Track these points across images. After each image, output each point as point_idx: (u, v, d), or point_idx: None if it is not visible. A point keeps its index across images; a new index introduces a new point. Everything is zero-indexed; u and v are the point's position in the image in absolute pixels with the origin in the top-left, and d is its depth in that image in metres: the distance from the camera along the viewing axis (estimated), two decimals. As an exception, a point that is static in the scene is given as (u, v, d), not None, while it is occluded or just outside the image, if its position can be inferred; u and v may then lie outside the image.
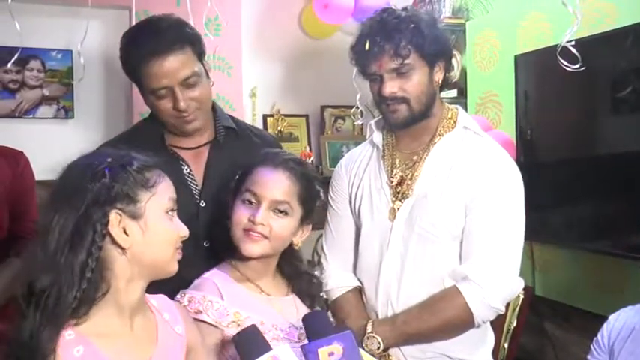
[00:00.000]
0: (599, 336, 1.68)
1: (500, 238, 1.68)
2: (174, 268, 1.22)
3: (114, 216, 1.13)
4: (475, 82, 3.44)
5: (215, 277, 1.48)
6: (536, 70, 2.91)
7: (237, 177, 1.56)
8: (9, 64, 3.14)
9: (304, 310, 1.49)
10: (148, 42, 1.65)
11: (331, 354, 1.12)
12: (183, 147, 1.79)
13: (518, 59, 2.98)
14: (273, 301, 1.49)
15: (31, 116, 3.45)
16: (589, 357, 1.70)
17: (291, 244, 1.55)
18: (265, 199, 1.46)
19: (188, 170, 1.77)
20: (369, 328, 1.70)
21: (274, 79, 3.95)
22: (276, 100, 3.93)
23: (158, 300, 1.29)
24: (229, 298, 1.43)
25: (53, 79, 3.47)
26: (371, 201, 1.80)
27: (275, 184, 1.47)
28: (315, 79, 3.99)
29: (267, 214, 1.45)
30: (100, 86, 3.61)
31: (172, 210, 1.22)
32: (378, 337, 1.67)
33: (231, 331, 1.37)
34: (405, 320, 1.69)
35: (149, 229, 1.15)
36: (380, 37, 1.67)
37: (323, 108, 4.06)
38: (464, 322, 1.68)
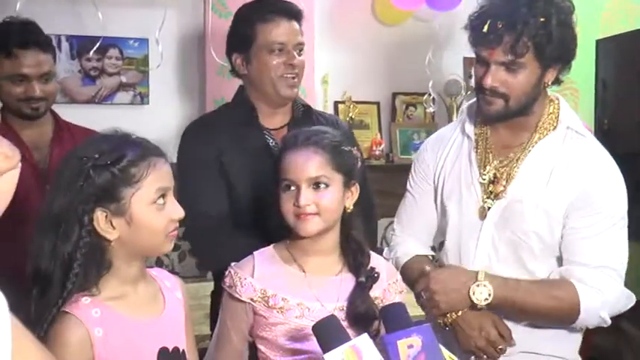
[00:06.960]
0: None
1: (611, 249, 1.61)
2: (166, 249, 1.34)
3: (99, 213, 1.24)
4: (553, 68, 3.32)
5: (259, 255, 1.55)
6: (620, 56, 2.77)
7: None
8: (91, 53, 3.28)
9: (346, 293, 1.50)
10: (278, 4, 1.96)
11: (410, 346, 1.12)
12: (269, 127, 1.99)
13: (600, 44, 2.86)
14: (312, 281, 1.50)
15: (109, 102, 3.56)
16: None
17: (345, 211, 1.54)
18: (301, 180, 1.47)
19: (274, 143, 1.95)
20: (481, 276, 1.57)
21: (346, 66, 3.92)
22: (348, 87, 3.91)
23: (158, 272, 1.46)
24: (260, 276, 1.50)
25: (130, 67, 3.56)
26: (460, 196, 1.72)
27: (305, 164, 1.47)
28: (386, 66, 3.94)
29: (309, 193, 1.47)
30: (174, 73, 3.68)
31: (163, 196, 1.28)
32: (490, 287, 1.55)
33: (259, 306, 1.48)
34: (516, 287, 1.59)
35: (134, 222, 1.26)
36: (502, 24, 1.52)
37: (394, 95, 4.00)
38: (567, 317, 1.60)
